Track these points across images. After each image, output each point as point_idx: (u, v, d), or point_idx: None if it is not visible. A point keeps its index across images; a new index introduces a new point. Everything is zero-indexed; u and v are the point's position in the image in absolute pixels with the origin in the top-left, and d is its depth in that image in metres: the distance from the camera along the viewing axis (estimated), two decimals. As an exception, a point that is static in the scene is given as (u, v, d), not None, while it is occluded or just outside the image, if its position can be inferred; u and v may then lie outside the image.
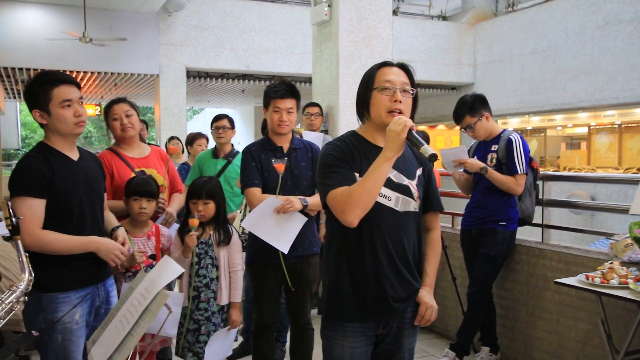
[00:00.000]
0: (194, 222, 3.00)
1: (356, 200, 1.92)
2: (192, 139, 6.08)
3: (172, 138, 7.24)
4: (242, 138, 22.94)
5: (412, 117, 2.14)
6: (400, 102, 2.04)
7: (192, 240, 2.99)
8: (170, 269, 2.17)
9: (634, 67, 11.85)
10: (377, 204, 2.02)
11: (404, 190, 2.09)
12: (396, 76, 2.08)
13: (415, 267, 2.16)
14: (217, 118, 4.69)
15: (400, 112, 2.04)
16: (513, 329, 4.05)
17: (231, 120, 4.65)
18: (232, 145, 4.67)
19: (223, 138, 4.57)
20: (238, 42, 12.61)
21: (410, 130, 1.89)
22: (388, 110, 2.05)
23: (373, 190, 1.92)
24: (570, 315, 3.63)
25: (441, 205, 2.28)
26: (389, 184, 2.06)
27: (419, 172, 2.17)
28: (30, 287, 2.13)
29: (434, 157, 1.85)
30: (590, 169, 14.24)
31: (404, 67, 2.13)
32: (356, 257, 2.08)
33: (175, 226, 3.34)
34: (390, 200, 2.06)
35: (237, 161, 4.42)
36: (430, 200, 2.23)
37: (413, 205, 2.11)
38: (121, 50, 11.39)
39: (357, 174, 2.04)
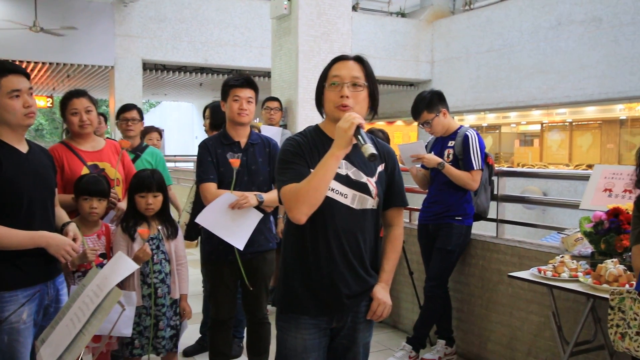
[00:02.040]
0: (145, 234, 2.92)
1: (302, 197, 1.91)
2: (143, 133, 5.93)
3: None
4: (200, 132, 22.66)
5: (374, 111, 2.13)
6: (347, 97, 2.02)
7: (147, 255, 2.92)
8: (124, 265, 2.11)
9: (585, 67, 12.22)
10: (333, 201, 2.02)
11: (362, 188, 2.07)
12: (347, 70, 2.05)
13: (371, 264, 2.16)
14: (126, 108, 4.22)
15: (347, 107, 2.01)
16: (468, 322, 4.12)
17: (140, 111, 4.26)
18: (141, 138, 4.33)
19: (132, 131, 4.15)
20: (196, 35, 12.44)
21: (357, 128, 1.87)
22: (336, 105, 2.03)
23: (319, 187, 1.91)
24: (523, 307, 3.72)
25: (405, 201, 2.25)
26: (346, 181, 2.05)
27: (380, 168, 2.15)
28: (-25, 286, 2.04)
29: (373, 156, 1.83)
30: (542, 165, 14.65)
31: (359, 60, 2.10)
32: (310, 252, 2.07)
33: None
34: (346, 197, 2.05)
35: (146, 156, 4.13)
36: (393, 195, 2.20)
37: (370, 203, 2.10)
38: (75, 40, 11.06)
39: (312, 170, 2.01)
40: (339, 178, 2.03)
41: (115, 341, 2.99)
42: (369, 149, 1.83)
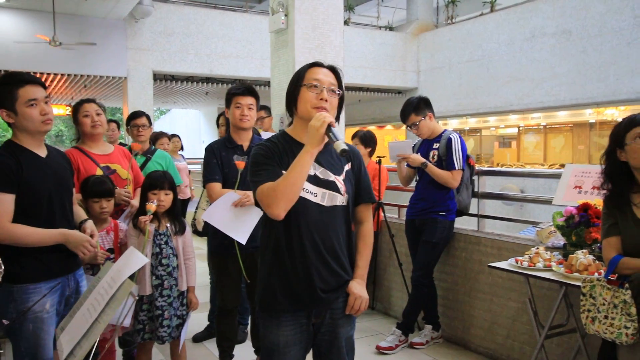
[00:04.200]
0: (152, 206, 2.91)
1: (280, 193, 1.86)
2: (155, 138, 5.91)
3: (173, 135, 7.06)
4: (207, 137, 22.64)
5: (337, 117, 2.07)
6: (326, 100, 1.98)
7: (142, 224, 2.90)
8: (136, 259, 2.11)
9: (557, 75, 12.26)
10: (304, 200, 1.97)
11: (330, 186, 2.03)
12: (324, 76, 2.01)
13: (344, 259, 2.09)
14: (135, 115, 4.17)
15: (325, 110, 1.97)
16: (453, 308, 4.13)
17: (149, 118, 4.22)
18: (150, 142, 4.28)
19: (143, 136, 4.12)
20: (202, 48, 12.43)
21: (329, 126, 1.84)
22: (314, 107, 1.99)
23: (296, 182, 1.86)
24: (502, 295, 3.72)
25: (372, 197, 2.19)
26: (315, 180, 2.00)
27: (347, 167, 2.10)
28: (0, 279, 2.03)
29: (344, 152, 1.80)
30: (519, 165, 14.68)
31: (333, 69, 2.07)
32: (285, 250, 2.01)
33: None
34: (316, 196, 2.00)
35: (156, 158, 4.09)
36: (361, 192, 2.16)
37: (340, 200, 2.05)
38: (90, 53, 11.05)
39: (285, 172, 1.95)
40: (308, 178, 1.98)
41: (120, 329, 2.97)
42: (341, 145, 1.79)
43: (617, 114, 12.53)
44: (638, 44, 10.81)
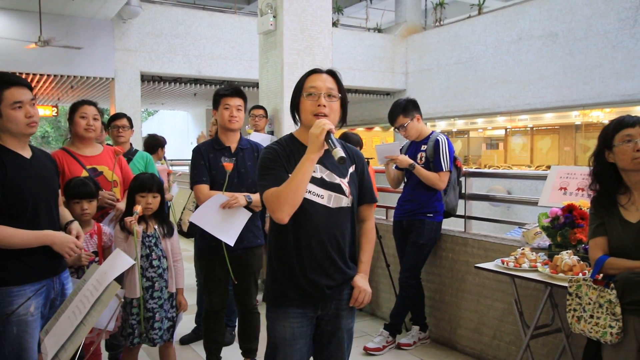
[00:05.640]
0: (138, 207, 2.91)
1: (284, 199, 1.93)
2: (160, 144, 5.88)
3: None
4: (195, 138, 22.54)
5: (343, 120, 2.15)
6: (324, 106, 2.05)
7: (130, 223, 2.89)
8: (121, 261, 2.09)
9: (543, 78, 12.36)
10: (311, 202, 2.03)
11: (336, 188, 2.09)
12: (322, 82, 2.08)
13: (349, 257, 2.17)
14: (116, 117, 4.25)
15: (325, 115, 2.04)
16: (440, 309, 4.14)
17: (129, 120, 4.29)
18: (131, 144, 4.31)
19: (123, 137, 4.17)
20: (190, 49, 12.38)
21: (328, 133, 1.90)
22: (313, 113, 2.05)
23: (299, 188, 1.93)
24: (489, 295, 3.74)
25: (374, 198, 2.28)
26: (322, 183, 2.07)
27: (351, 169, 2.17)
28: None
29: (342, 159, 1.85)
30: (506, 167, 14.77)
31: (332, 73, 2.13)
32: (294, 250, 2.07)
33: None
34: (322, 198, 2.06)
35: (137, 159, 4.08)
36: (364, 193, 2.23)
37: (345, 201, 2.11)
38: (77, 54, 10.95)
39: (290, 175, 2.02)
40: (315, 181, 2.05)
41: (106, 332, 2.95)
42: (339, 152, 1.85)
43: (602, 116, 12.66)
44: (623, 47, 10.93)
